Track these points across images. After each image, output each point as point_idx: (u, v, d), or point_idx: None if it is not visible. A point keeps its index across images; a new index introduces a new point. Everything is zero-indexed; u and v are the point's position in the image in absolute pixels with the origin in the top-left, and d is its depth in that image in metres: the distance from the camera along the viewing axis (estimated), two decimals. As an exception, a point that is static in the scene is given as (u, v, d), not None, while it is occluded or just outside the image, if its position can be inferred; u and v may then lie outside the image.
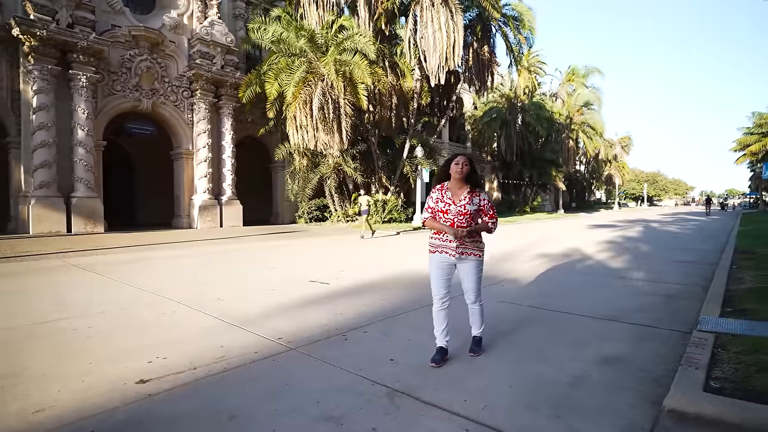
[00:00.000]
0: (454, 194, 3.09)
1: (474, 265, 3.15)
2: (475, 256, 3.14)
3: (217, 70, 17.32)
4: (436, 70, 17.14)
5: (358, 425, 2.24)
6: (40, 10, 13.16)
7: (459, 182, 3.09)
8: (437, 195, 3.13)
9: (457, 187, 3.11)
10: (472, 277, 3.17)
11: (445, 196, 3.10)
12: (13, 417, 2.35)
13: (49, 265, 7.84)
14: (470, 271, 3.15)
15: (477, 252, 3.15)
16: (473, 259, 3.14)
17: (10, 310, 4.64)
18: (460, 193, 3.08)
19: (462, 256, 3.11)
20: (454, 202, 3.07)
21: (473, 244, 3.13)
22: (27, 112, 13.47)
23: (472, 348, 3.29)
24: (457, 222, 3.04)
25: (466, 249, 3.11)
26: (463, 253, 3.11)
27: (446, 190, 3.12)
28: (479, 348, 3.31)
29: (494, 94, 31.75)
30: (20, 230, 13.51)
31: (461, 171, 3.05)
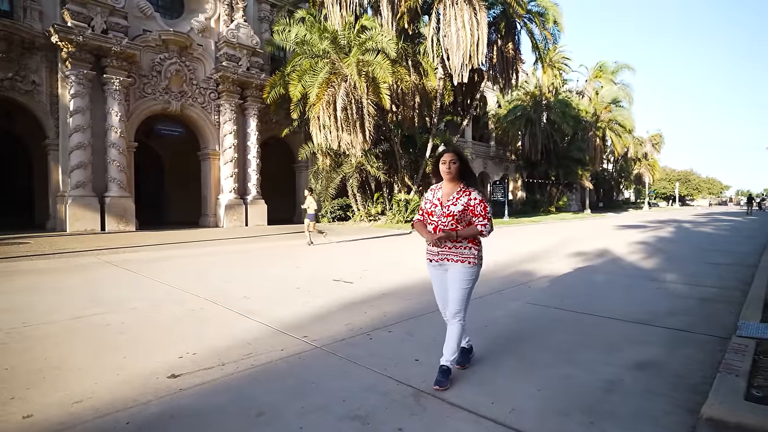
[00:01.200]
0: (444, 194, 2.79)
1: (458, 274, 2.74)
2: (461, 264, 2.75)
3: (242, 72, 17.65)
4: (460, 68, 16.99)
5: (383, 425, 2.24)
6: (76, 18, 13.71)
7: (450, 181, 2.80)
8: (428, 196, 2.87)
9: (450, 187, 2.80)
10: (456, 287, 2.75)
11: (435, 196, 2.82)
12: (54, 407, 2.46)
13: (85, 262, 8.15)
14: (453, 280, 2.75)
15: (462, 258, 2.75)
16: (458, 267, 2.75)
17: (50, 305, 4.85)
18: (451, 193, 2.77)
19: (444, 263, 2.79)
20: (441, 203, 2.76)
21: (458, 250, 2.76)
22: (64, 115, 14.06)
23: (437, 379, 2.66)
24: (440, 225, 2.74)
25: (448, 255, 2.77)
26: (443, 259, 2.78)
27: (438, 190, 2.85)
28: (445, 380, 2.65)
29: (519, 91, 31.25)
30: (58, 228, 14.10)
31: (449, 171, 2.75)
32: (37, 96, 13.81)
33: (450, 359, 2.74)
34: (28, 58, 13.50)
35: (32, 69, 13.64)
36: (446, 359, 2.74)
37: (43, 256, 8.75)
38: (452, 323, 2.79)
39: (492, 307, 4.77)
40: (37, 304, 4.85)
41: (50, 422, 2.29)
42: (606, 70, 40.28)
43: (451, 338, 2.77)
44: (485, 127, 35.31)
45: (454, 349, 2.75)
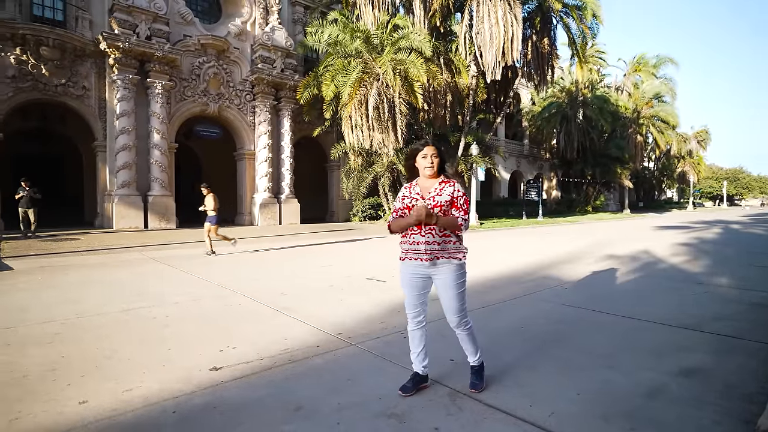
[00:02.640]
0: (423, 188, 2.62)
1: (452, 274, 2.54)
2: (454, 260, 2.55)
3: (277, 74, 18.04)
4: (493, 65, 16.72)
5: (420, 423, 2.25)
6: (122, 25, 14.41)
7: (430, 177, 2.63)
8: (404, 193, 2.67)
9: (428, 182, 2.65)
10: (451, 291, 2.54)
11: (412, 192, 2.63)
12: (107, 394, 2.61)
13: (130, 258, 8.57)
14: (447, 283, 2.54)
15: (453, 255, 2.55)
16: (450, 263, 2.54)
17: (100, 298, 5.13)
18: (431, 186, 2.61)
19: (436, 261, 2.54)
20: (422, 197, 2.58)
21: (446, 245, 2.55)
22: (111, 118, 14.81)
23: (473, 382, 2.64)
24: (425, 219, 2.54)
25: (437, 253, 2.54)
26: (435, 257, 2.53)
27: (414, 186, 2.66)
28: (480, 381, 2.65)
29: (553, 88, 30.44)
30: (105, 225, 14.88)
31: (431, 165, 2.58)
32: (87, 100, 14.61)
33: (475, 358, 2.68)
34: (79, 65, 14.30)
35: (83, 75, 14.44)
36: (473, 360, 2.68)
37: (92, 252, 9.26)
38: (460, 330, 2.63)
39: (527, 309, 4.69)
40: (88, 297, 5.15)
41: (104, 408, 2.43)
42: (646, 63, 38.63)
43: (468, 343, 2.66)
44: (518, 125, 34.61)
45: (475, 349, 2.67)
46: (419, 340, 2.68)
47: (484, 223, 19.29)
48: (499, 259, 8.69)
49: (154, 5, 15.01)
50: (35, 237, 11.70)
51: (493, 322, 4.14)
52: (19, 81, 13.21)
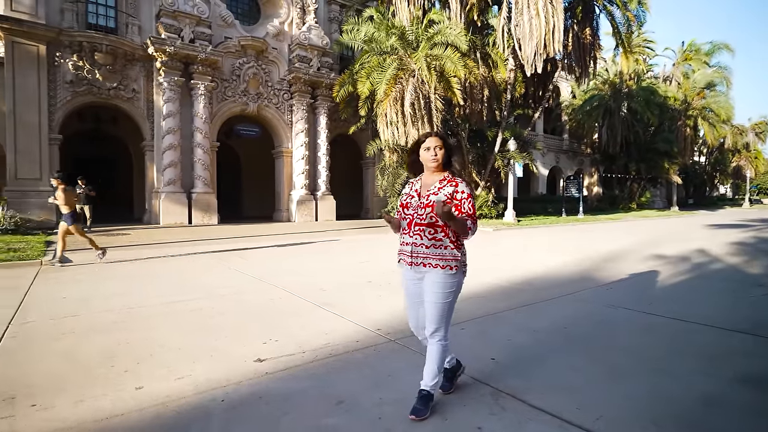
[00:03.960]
0: (424, 185, 2.37)
1: (437, 282, 2.25)
2: (441, 270, 2.24)
3: (313, 72, 18.30)
4: (532, 58, 16.25)
5: (462, 422, 2.24)
6: (168, 29, 15.04)
7: (434, 171, 2.38)
8: (406, 189, 2.45)
9: (432, 177, 2.39)
10: (433, 297, 2.27)
11: (412, 188, 2.40)
12: (160, 381, 2.75)
13: (177, 252, 8.96)
14: (430, 290, 2.27)
15: (443, 263, 2.24)
16: (437, 273, 2.25)
17: (152, 290, 5.41)
18: (432, 183, 2.35)
19: (419, 268, 2.28)
20: (419, 194, 2.34)
21: (437, 251, 2.25)
22: (158, 118, 15.51)
23: (415, 407, 2.28)
24: (416, 218, 2.29)
25: (425, 257, 2.26)
26: (419, 264, 2.27)
27: (417, 181, 2.43)
28: (425, 408, 2.27)
29: (596, 80, 29.23)
30: (153, 221, 15.64)
31: (435, 158, 2.33)
32: (136, 102, 15.37)
33: (430, 384, 2.33)
34: (129, 69, 15.06)
35: (133, 78, 15.19)
36: (426, 383, 2.33)
37: (142, 246, 9.76)
38: (431, 342, 2.36)
39: (569, 309, 4.55)
40: (141, 289, 5.44)
41: (158, 394, 2.57)
42: (698, 50, 36.34)
43: (431, 359, 2.34)
44: (558, 119, 33.52)
45: (435, 372, 2.33)
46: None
47: (521, 220, 18.85)
48: (538, 257, 8.48)
49: (197, 9, 15.57)
50: (91, 232, 12.45)
51: (534, 322, 4.04)
52: (76, 86, 14.07)
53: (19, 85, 13.05)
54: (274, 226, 16.10)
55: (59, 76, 13.81)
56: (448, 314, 2.33)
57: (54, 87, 13.74)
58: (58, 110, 13.89)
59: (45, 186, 13.59)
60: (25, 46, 13.11)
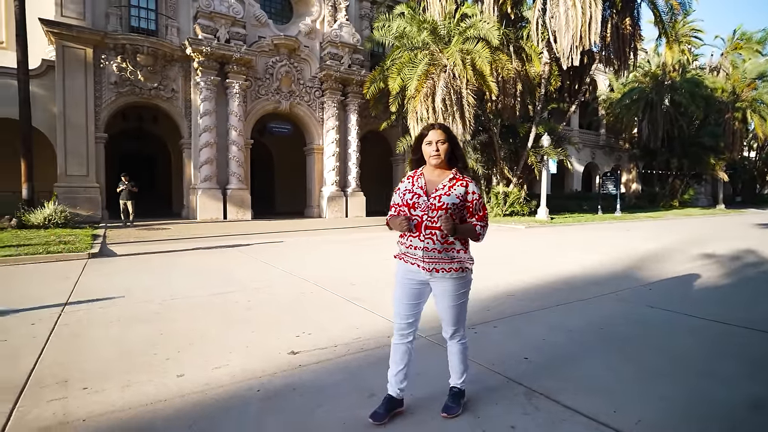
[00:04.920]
0: (429, 182, 2.20)
1: (452, 286, 2.19)
2: (456, 273, 2.17)
3: (344, 70, 18.43)
4: (568, 51, 15.75)
5: (495, 420, 2.22)
6: (205, 30, 15.51)
7: (437, 167, 2.23)
8: (406, 185, 2.24)
9: (436, 174, 2.23)
10: (449, 301, 2.20)
11: (416, 185, 2.21)
12: (199, 369, 2.86)
13: (213, 246, 9.26)
14: (446, 292, 2.20)
15: (456, 266, 2.17)
16: (450, 277, 2.18)
17: (190, 282, 5.62)
18: (439, 181, 2.19)
19: (434, 274, 2.17)
20: (426, 192, 2.16)
21: (449, 254, 2.16)
22: (195, 117, 16.04)
23: (447, 405, 2.28)
24: (427, 221, 2.13)
25: (438, 263, 2.16)
26: (434, 269, 2.16)
27: (419, 177, 2.23)
28: (457, 406, 2.27)
29: (636, 72, 28.03)
30: (191, 216, 16.22)
31: (437, 153, 2.17)
32: (175, 102, 15.95)
33: (459, 381, 2.33)
34: (168, 70, 15.64)
35: (172, 78, 15.77)
36: (456, 381, 2.33)
37: (181, 240, 10.14)
38: (454, 343, 2.31)
39: (606, 309, 4.41)
40: (180, 281, 5.66)
41: (198, 382, 2.68)
42: (750, 39, 34.16)
43: (456, 359, 2.31)
44: (594, 113, 32.37)
45: (462, 370, 2.32)
46: (401, 357, 2.29)
47: (555, 218, 18.37)
48: (573, 256, 8.25)
49: (232, 10, 15.97)
50: (133, 226, 13.06)
51: (569, 322, 3.95)
52: (120, 86, 14.74)
53: (68, 87, 13.80)
54: (304, 222, 16.37)
55: (104, 77, 14.50)
56: (464, 314, 2.30)
57: (100, 88, 14.45)
58: (104, 110, 14.60)
59: (92, 183, 14.35)
60: (74, 49, 13.83)
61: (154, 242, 9.65)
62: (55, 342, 3.37)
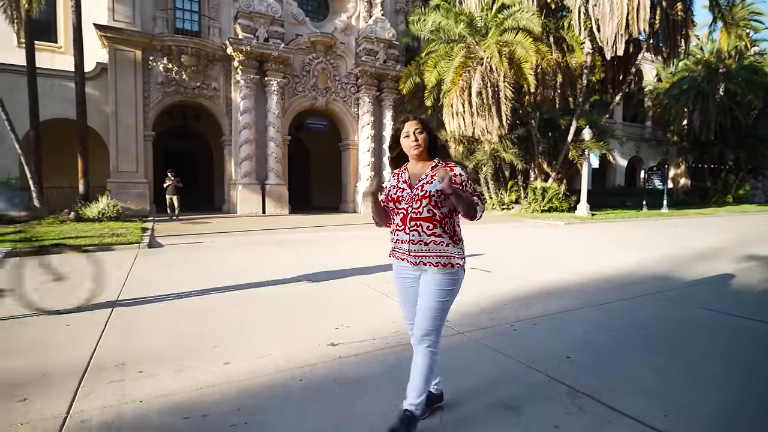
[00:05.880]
0: (412, 176, 2.12)
1: (434, 280, 2.01)
2: (441, 267, 1.99)
3: (379, 65, 18.46)
4: (612, 40, 15.08)
5: (537, 419, 2.19)
6: (245, 30, 15.94)
7: (419, 159, 2.12)
8: (391, 182, 2.17)
9: (419, 166, 2.13)
10: (426, 296, 2.01)
11: (400, 180, 2.13)
12: (245, 358, 2.98)
13: (254, 240, 9.56)
14: (427, 288, 2.02)
15: (444, 261, 1.99)
16: (435, 271, 2.01)
17: (233, 273, 5.83)
18: (422, 172, 2.09)
19: (421, 267, 2.03)
20: (409, 185, 2.08)
21: (437, 247, 1.99)
22: (236, 115, 16.56)
23: (392, 428, 1.96)
24: (411, 213, 2.02)
25: (425, 255, 2.01)
26: (421, 262, 2.02)
27: (403, 172, 2.16)
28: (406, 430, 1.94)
29: (687, 60, 26.46)
30: (231, 211, 16.80)
31: (417, 143, 2.06)
32: (216, 100, 16.52)
33: (415, 402, 1.99)
34: (210, 69, 16.20)
35: (213, 77, 16.33)
36: (410, 402, 2.00)
37: (223, 234, 10.53)
38: (418, 350, 2.03)
39: (651, 309, 4.24)
40: (224, 273, 5.89)
41: (243, 369, 2.79)
42: (819, 21, 31.48)
43: (417, 371, 2.02)
44: (639, 105, 30.83)
45: (421, 388, 1.99)
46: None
47: (596, 214, 17.71)
48: (615, 253, 7.95)
49: (271, 9, 16.31)
50: (178, 220, 13.67)
51: (612, 321, 3.82)
52: (166, 86, 15.41)
53: (120, 88, 14.57)
54: (340, 216, 16.59)
55: (152, 78, 15.19)
56: (442, 317, 2.04)
57: (148, 88, 15.16)
58: (151, 109, 15.32)
59: (141, 178, 15.10)
60: (124, 52, 14.57)
61: (198, 235, 10.06)
62: (112, 328, 3.61)
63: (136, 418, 2.21)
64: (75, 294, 4.16)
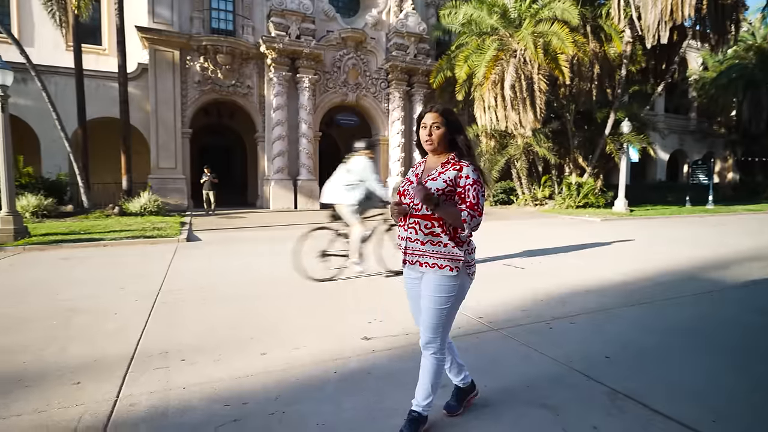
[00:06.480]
0: (426, 170, 2.01)
1: (432, 285, 1.91)
2: (438, 270, 1.89)
3: (410, 60, 18.36)
4: (655, 27, 14.38)
5: (576, 419, 2.13)
6: (278, 28, 16.20)
7: (433, 153, 1.99)
8: (409, 173, 2.10)
9: (434, 160, 2.01)
10: (426, 302, 1.93)
11: (414, 172, 2.07)
12: (280, 350, 3.05)
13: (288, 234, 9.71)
14: (426, 292, 1.93)
15: (441, 262, 1.89)
16: (432, 273, 1.91)
17: (268, 267, 5.98)
18: (434, 167, 1.98)
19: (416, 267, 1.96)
20: (419, 180, 1.98)
21: (434, 247, 1.90)
22: (269, 111, 16.89)
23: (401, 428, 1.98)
24: (412, 209, 1.94)
25: (421, 255, 1.93)
26: (413, 261, 1.96)
27: (420, 165, 2.07)
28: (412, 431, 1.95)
29: (737, 47, 24.93)
30: (264, 206, 17.19)
31: (430, 139, 1.94)
32: (250, 97, 16.89)
33: (423, 403, 1.99)
34: (244, 67, 16.57)
35: (247, 75, 16.70)
36: (417, 402, 2.00)
37: (257, 228, 10.80)
38: (425, 355, 2.03)
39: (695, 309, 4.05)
40: (259, 266, 6.04)
41: (279, 360, 2.86)
42: None
43: (424, 375, 2.01)
44: (683, 95, 29.30)
45: (428, 390, 1.99)
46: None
47: (634, 210, 17.03)
48: (657, 251, 7.62)
49: (302, 6, 16.50)
50: (214, 214, 14.11)
51: (654, 321, 3.68)
52: (202, 85, 15.88)
53: (159, 87, 15.13)
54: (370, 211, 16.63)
55: (189, 77, 15.69)
56: (446, 323, 1.95)
57: (185, 87, 15.67)
58: (189, 107, 15.83)
59: (179, 174, 15.66)
60: (163, 52, 15.11)
61: (233, 229, 10.36)
62: (155, 317, 3.77)
63: (181, 404, 2.30)
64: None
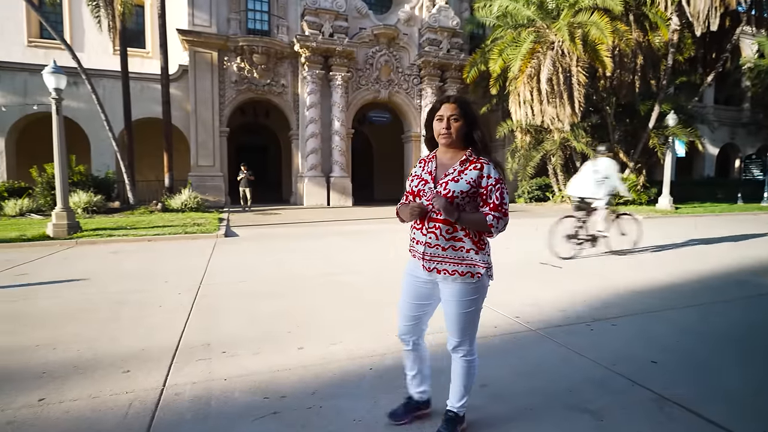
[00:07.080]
0: (440, 166, 1.86)
1: (455, 292, 1.83)
2: (459, 277, 1.80)
3: (443, 55, 18.16)
4: (705, 14, 13.60)
5: (620, 426, 2.05)
6: (311, 26, 16.40)
7: (449, 147, 1.86)
8: (416, 170, 1.93)
9: (448, 156, 1.87)
10: (453, 308, 1.85)
11: (425, 169, 1.88)
12: (317, 344, 3.10)
13: (321, 231, 9.89)
14: (451, 299, 1.85)
15: (463, 269, 1.80)
16: (453, 281, 1.82)
17: (303, 262, 6.08)
18: (451, 164, 1.83)
19: (434, 275, 1.85)
20: (434, 179, 1.83)
21: (456, 253, 1.80)
22: (302, 109, 17.16)
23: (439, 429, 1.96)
24: (431, 211, 1.82)
25: (441, 262, 1.82)
26: (432, 268, 1.84)
27: (431, 160, 1.90)
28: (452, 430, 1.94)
29: (797, 32, 23.14)
30: (298, 202, 17.50)
31: (447, 132, 1.81)
32: (284, 96, 17.21)
33: (457, 405, 1.96)
34: (279, 66, 16.89)
35: (282, 74, 17.02)
36: (452, 403, 1.98)
37: (292, 224, 11.01)
38: (454, 358, 1.97)
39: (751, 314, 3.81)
40: (295, 262, 6.16)
41: (316, 355, 2.90)
42: None
43: (457, 377, 1.96)
44: (736, 85, 27.50)
45: (462, 391, 1.95)
46: (412, 362, 2.07)
47: (680, 207, 16.21)
48: (705, 251, 7.22)
49: (335, 4, 16.63)
50: (250, 211, 14.50)
51: (705, 325, 3.49)
52: (239, 84, 16.32)
53: (199, 87, 15.67)
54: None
55: (226, 77, 16.15)
56: (473, 325, 1.92)
57: (223, 87, 16.15)
58: (226, 107, 16.31)
59: (217, 172, 16.17)
60: (202, 53, 15.62)
61: (269, 225, 10.60)
62: (197, 310, 3.91)
63: (222, 394, 2.38)
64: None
